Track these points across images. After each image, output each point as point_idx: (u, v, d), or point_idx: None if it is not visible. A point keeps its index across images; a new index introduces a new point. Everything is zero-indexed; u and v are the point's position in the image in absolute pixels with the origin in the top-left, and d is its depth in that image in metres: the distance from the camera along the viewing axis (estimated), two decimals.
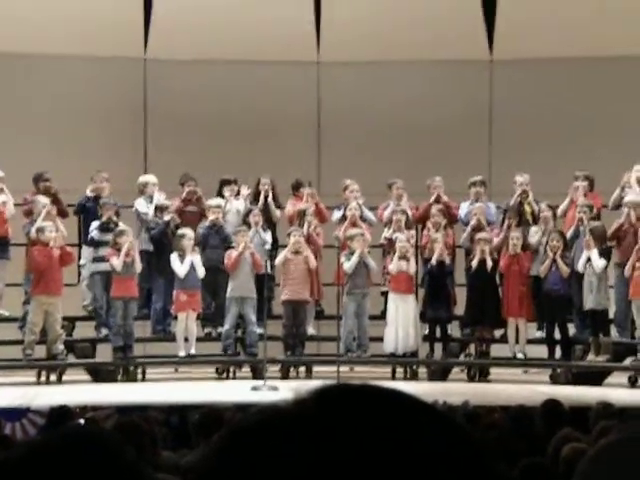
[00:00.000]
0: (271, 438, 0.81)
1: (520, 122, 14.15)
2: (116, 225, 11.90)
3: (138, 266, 11.73)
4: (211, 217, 12.22)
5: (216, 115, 14.28)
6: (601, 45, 13.91)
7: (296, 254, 11.89)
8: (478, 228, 12.19)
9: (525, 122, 14.14)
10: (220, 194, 12.60)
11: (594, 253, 11.55)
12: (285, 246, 12.17)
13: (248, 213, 12.26)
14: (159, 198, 12.33)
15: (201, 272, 11.82)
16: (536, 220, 12.22)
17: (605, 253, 11.59)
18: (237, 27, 14.42)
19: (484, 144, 14.41)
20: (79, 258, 12.41)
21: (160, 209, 12.23)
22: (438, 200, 12.51)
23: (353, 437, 0.80)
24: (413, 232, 12.33)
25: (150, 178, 12.63)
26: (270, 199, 12.61)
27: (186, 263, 11.73)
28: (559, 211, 12.31)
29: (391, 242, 12.17)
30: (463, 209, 12.52)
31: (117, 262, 11.54)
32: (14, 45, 13.84)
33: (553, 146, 13.85)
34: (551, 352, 11.82)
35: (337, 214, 12.53)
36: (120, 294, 11.65)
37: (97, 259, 11.97)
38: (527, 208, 12.34)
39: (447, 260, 11.98)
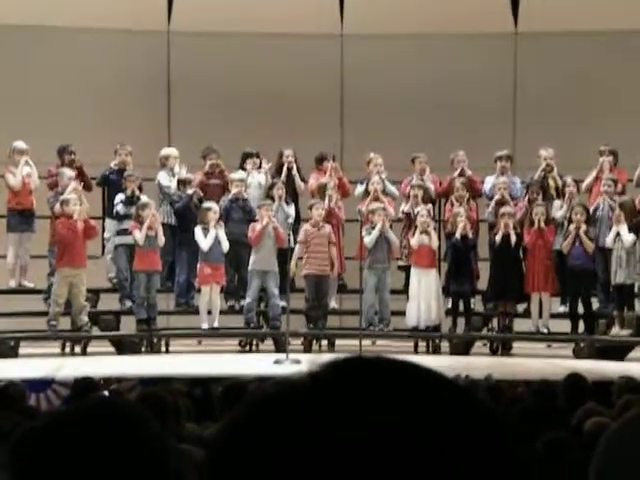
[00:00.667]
0: (284, 411, 0.81)
1: (545, 96, 14.06)
2: (139, 199, 11.93)
3: (161, 239, 11.77)
4: (234, 191, 12.23)
5: (239, 88, 14.25)
6: (626, 18, 13.78)
7: (317, 228, 11.89)
8: (502, 202, 12.15)
9: (550, 96, 14.05)
10: (242, 167, 12.60)
11: (623, 228, 11.49)
12: (308, 220, 12.17)
13: (272, 186, 12.24)
14: (181, 171, 12.35)
15: (225, 246, 11.84)
16: (560, 194, 12.17)
17: (635, 228, 11.53)
18: (260, 0, 14.37)
19: (509, 118, 14.32)
20: (103, 231, 12.46)
21: (183, 182, 12.25)
22: (462, 174, 12.48)
23: (365, 410, 0.80)
24: (431, 206, 12.29)
25: (172, 151, 12.64)
26: (295, 171, 12.60)
27: (210, 237, 11.76)
28: (584, 186, 12.25)
29: (409, 216, 12.15)
30: (488, 183, 12.49)
31: (139, 235, 11.58)
32: (40, 18, 13.85)
33: (578, 120, 13.75)
34: (574, 326, 11.79)
35: (360, 188, 12.51)
36: (143, 267, 11.69)
37: (121, 232, 12.01)
38: (551, 182, 12.29)
39: (470, 234, 11.95)
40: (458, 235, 11.85)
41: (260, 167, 12.66)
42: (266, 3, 14.30)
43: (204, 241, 11.78)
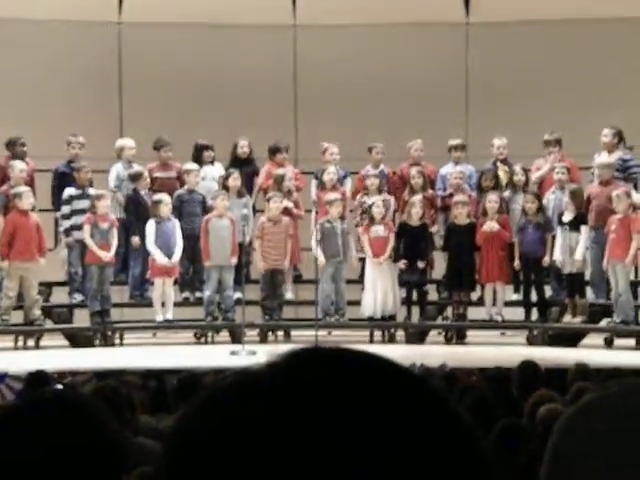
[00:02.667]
0: (241, 403, 0.81)
1: (496, 85, 14.14)
2: (88, 192, 11.84)
3: (115, 233, 11.70)
4: (189, 182, 12.16)
5: (191, 79, 14.18)
6: (576, 7, 13.90)
7: (274, 222, 11.87)
8: (457, 191, 12.20)
9: (501, 85, 14.13)
10: (196, 159, 12.54)
11: (572, 215, 11.60)
12: (262, 211, 12.15)
13: (227, 177, 12.18)
14: (132, 165, 12.26)
15: (180, 243, 11.75)
16: (510, 184, 12.26)
17: (581, 215, 11.65)
18: None
19: (461, 107, 14.39)
20: (55, 224, 12.36)
21: (134, 176, 12.14)
22: (417, 163, 12.52)
23: (322, 401, 0.80)
24: (387, 196, 12.31)
25: (127, 142, 12.55)
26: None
27: (151, 236, 11.63)
28: (535, 178, 12.33)
29: (362, 206, 12.17)
30: (442, 172, 12.54)
31: (89, 239, 11.48)
32: None
33: (529, 108, 13.84)
34: (527, 314, 11.90)
35: (314, 182, 12.49)
36: (95, 260, 11.61)
37: (74, 227, 11.90)
38: (501, 173, 12.37)
39: (426, 222, 11.97)
40: (412, 224, 11.87)
41: (214, 160, 12.61)
42: None
43: (152, 237, 11.66)
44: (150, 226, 11.72)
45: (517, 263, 11.80)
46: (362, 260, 12.25)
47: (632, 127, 12.38)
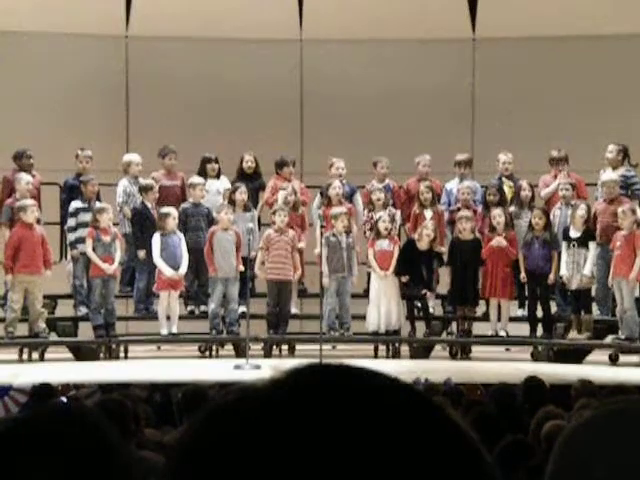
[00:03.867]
0: (245, 419, 0.81)
1: (502, 101, 14.15)
2: (94, 204, 11.87)
3: (118, 246, 11.72)
4: (194, 196, 12.18)
5: (198, 93, 14.22)
6: (583, 24, 13.92)
7: (280, 234, 11.88)
8: (464, 207, 12.20)
9: (507, 100, 14.15)
10: (202, 172, 12.56)
11: (578, 232, 11.60)
12: (268, 225, 12.16)
13: (234, 191, 12.19)
14: (139, 180, 12.29)
15: (185, 255, 11.76)
16: (517, 199, 12.25)
17: (588, 232, 11.64)
18: (219, 4, 14.35)
19: (467, 123, 14.40)
20: (61, 236, 12.37)
21: (144, 189, 12.15)
22: (424, 178, 12.52)
23: (327, 419, 0.80)
24: (394, 210, 12.31)
25: (133, 157, 12.57)
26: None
27: (157, 250, 11.65)
28: (544, 194, 12.34)
29: (371, 221, 12.16)
30: (448, 187, 12.55)
31: (91, 253, 11.50)
32: None
33: (535, 124, 13.86)
34: (533, 330, 11.87)
35: (318, 197, 12.50)
36: (98, 273, 11.62)
37: (79, 240, 11.92)
38: (506, 188, 12.37)
39: (436, 247, 11.92)
40: (424, 247, 11.82)
41: (219, 173, 12.63)
42: (225, 8, 14.28)
43: (158, 250, 11.67)
44: (156, 239, 11.74)
45: (523, 276, 11.78)
46: (367, 274, 12.24)
47: (637, 144, 12.39)
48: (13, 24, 13.77)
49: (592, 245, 11.56)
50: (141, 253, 11.92)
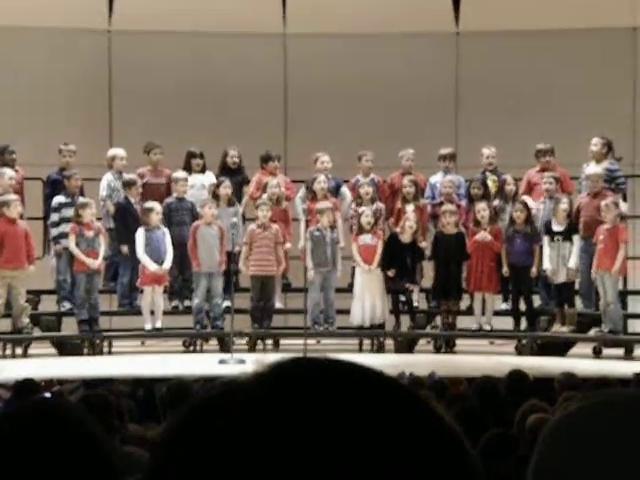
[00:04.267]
0: (229, 413, 0.81)
1: (486, 95, 14.17)
2: (77, 199, 11.83)
3: (102, 241, 11.69)
4: (178, 191, 12.16)
5: (181, 87, 14.18)
6: (566, 18, 13.95)
7: (263, 229, 11.87)
8: (447, 200, 12.22)
9: (491, 94, 14.16)
10: (187, 168, 12.54)
11: (562, 226, 11.64)
12: (252, 219, 12.15)
13: (218, 185, 12.17)
14: (123, 175, 12.25)
15: (169, 250, 11.74)
16: (501, 193, 12.28)
17: (572, 225, 11.68)
18: None
19: (450, 117, 14.42)
20: (44, 231, 12.34)
21: (127, 184, 12.12)
22: (408, 172, 12.53)
23: (310, 412, 0.80)
24: (381, 205, 12.31)
25: (118, 152, 12.53)
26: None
27: (141, 244, 11.63)
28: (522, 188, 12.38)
29: (356, 215, 12.17)
30: (432, 181, 12.56)
31: (74, 248, 11.47)
32: None
33: (518, 118, 13.88)
34: (516, 323, 11.91)
35: (302, 190, 12.49)
36: (82, 268, 11.59)
37: (62, 235, 11.88)
38: (490, 183, 12.40)
39: (418, 240, 11.95)
40: (406, 240, 11.83)
41: (204, 168, 12.61)
42: (208, 2, 14.25)
43: (141, 245, 11.65)
44: (140, 234, 11.70)
45: (505, 270, 11.81)
46: (352, 269, 12.25)
47: (620, 138, 12.43)
48: None
49: (576, 238, 11.60)
50: (124, 248, 11.89)
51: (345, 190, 12.57)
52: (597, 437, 0.94)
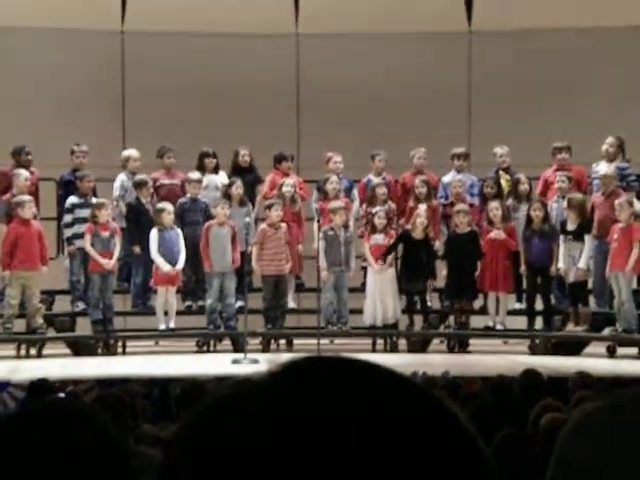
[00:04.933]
0: (242, 412, 0.81)
1: (498, 93, 14.14)
2: (91, 200, 11.86)
3: (117, 241, 11.71)
4: (191, 192, 12.18)
5: (195, 89, 14.20)
6: (578, 16, 13.91)
7: (275, 229, 11.87)
8: (458, 200, 12.20)
9: (503, 93, 14.13)
10: (200, 167, 12.56)
11: (573, 225, 11.60)
12: (264, 219, 12.16)
13: (230, 185, 12.19)
14: (136, 176, 12.28)
15: (182, 252, 11.76)
16: (515, 192, 12.25)
17: (584, 224, 11.64)
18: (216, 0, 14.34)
19: (463, 116, 14.40)
20: (58, 231, 12.37)
21: (139, 184, 12.15)
22: (420, 172, 12.52)
23: (324, 411, 0.80)
24: (391, 205, 12.29)
25: (132, 153, 12.55)
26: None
27: (154, 245, 11.65)
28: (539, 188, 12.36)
29: (368, 216, 12.15)
30: (445, 181, 12.55)
31: (90, 248, 11.51)
32: None
33: (531, 117, 13.85)
34: (531, 322, 11.88)
35: (315, 192, 12.49)
36: (97, 269, 11.61)
37: (76, 235, 11.91)
38: (503, 182, 12.37)
39: (430, 234, 11.93)
40: (418, 236, 11.82)
41: (217, 167, 12.62)
42: (221, 3, 14.27)
43: (155, 245, 11.68)
44: (153, 234, 11.73)
45: (523, 268, 11.77)
46: (364, 269, 12.24)
47: (633, 138, 12.39)
48: (10, 20, 13.74)
49: (587, 238, 11.56)
50: (136, 249, 11.91)
51: (355, 193, 12.57)
52: (618, 438, 0.94)
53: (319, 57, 14.41)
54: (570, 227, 11.62)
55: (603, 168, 11.95)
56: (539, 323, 11.86)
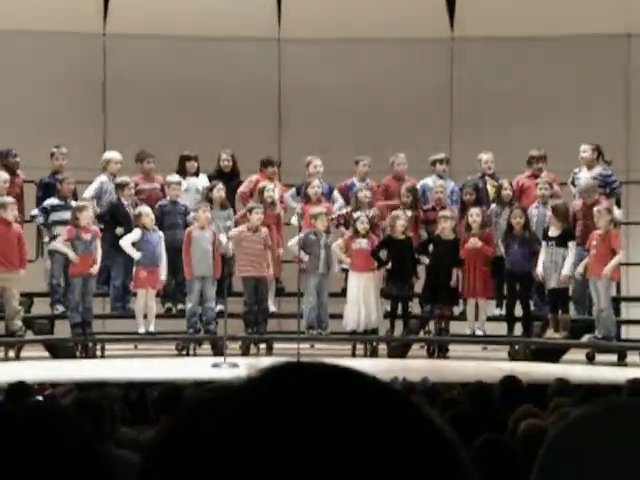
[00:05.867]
0: (221, 417, 0.81)
1: (480, 100, 14.18)
2: (71, 202, 11.82)
3: (98, 244, 11.68)
4: (170, 194, 12.16)
5: (176, 91, 14.18)
6: (562, 24, 13.98)
7: (253, 232, 11.86)
8: (438, 205, 12.23)
9: (485, 100, 14.18)
10: (181, 171, 12.54)
11: (557, 232, 11.64)
12: (243, 215, 12.11)
13: (212, 189, 12.17)
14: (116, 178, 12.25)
15: (164, 257, 11.75)
16: (499, 198, 12.27)
17: (568, 231, 11.67)
18: (198, 2, 14.32)
19: (445, 122, 14.43)
20: (38, 234, 12.31)
21: (120, 186, 12.12)
22: (400, 178, 12.54)
23: (303, 416, 0.80)
24: (374, 210, 12.30)
25: (113, 155, 12.52)
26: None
27: (131, 240, 11.65)
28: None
29: (347, 219, 12.15)
30: (422, 183, 12.57)
31: (71, 254, 11.47)
32: None
33: (513, 124, 13.90)
34: (510, 329, 11.90)
35: (292, 191, 12.48)
36: (79, 271, 11.57)
37: (55, 237, 11.85)
38: (489, 187, 12.41)
39: (410, 236, 11.95)
40: (397, 237, 11.85)
41: (198, 171, 12.61)
42: (204, 5, 14.25)
43: (131, 238, 11.67)
44: (136, 232, 11.71)
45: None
46: (345, 271, 12.23)
47: (613, 145, 12.44)
48: None
49: (572, 244, 11.59)
50: (119, 229, 11.82)
51: (337, 194, 12.58)
52: (601, 446, 0.94)
53: (301, 62, 14.42)
54: (553, 233, 11.65)
55: (584, 176, 11.99)
56: (519, 329, 11.89)
